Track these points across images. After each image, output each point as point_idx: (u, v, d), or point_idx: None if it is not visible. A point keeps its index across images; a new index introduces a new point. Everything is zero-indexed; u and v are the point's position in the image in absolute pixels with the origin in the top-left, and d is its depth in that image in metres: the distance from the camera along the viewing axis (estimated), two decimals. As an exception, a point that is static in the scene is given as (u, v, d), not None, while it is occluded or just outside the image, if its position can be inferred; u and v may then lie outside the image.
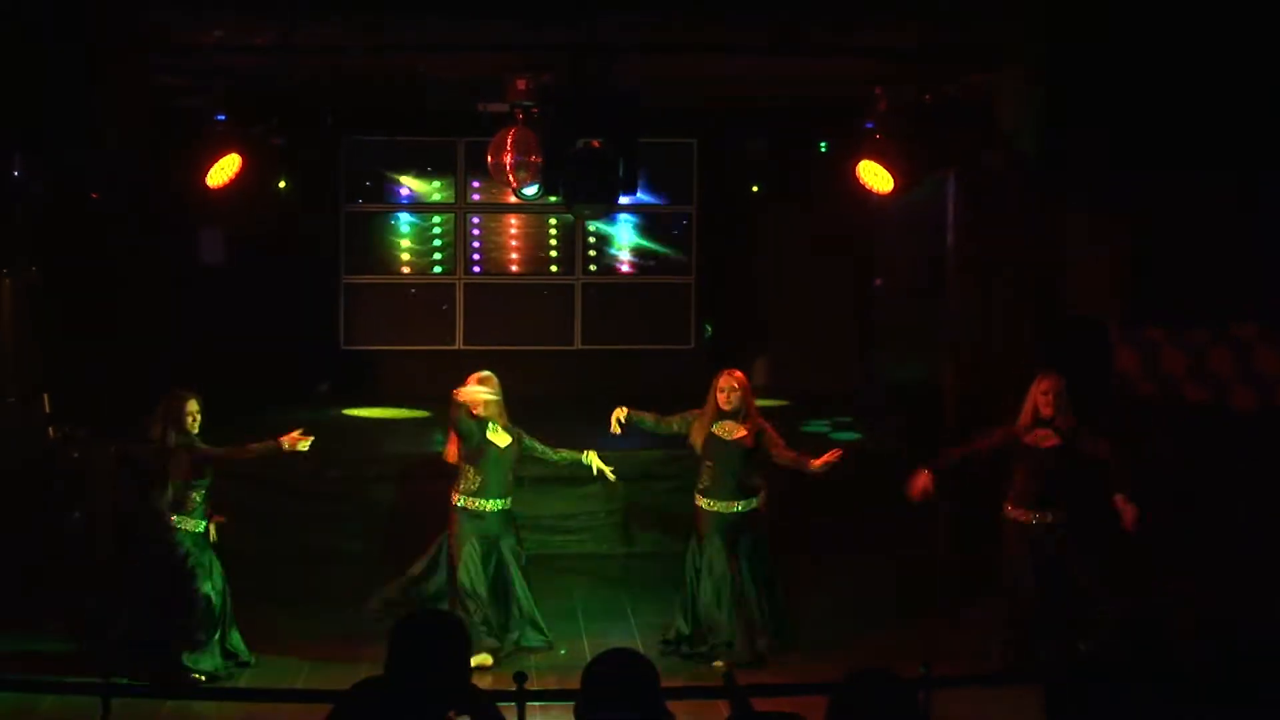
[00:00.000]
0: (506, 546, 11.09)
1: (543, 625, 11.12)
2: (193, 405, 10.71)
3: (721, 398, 11.08)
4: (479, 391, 10.94)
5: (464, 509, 10.97)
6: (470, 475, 10.98)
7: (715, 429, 11.10)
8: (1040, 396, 10.58)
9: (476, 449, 10.97)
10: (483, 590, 10.89)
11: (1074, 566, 10.57)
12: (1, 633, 11.37)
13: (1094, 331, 12.80)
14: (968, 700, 9.24)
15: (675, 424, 11.29)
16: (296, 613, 11.21)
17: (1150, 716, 4.59)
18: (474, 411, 10.91)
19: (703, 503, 11.14)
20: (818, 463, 10.89)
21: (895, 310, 16.72)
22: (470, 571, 10.87)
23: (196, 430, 10.73)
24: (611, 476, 11.43)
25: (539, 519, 13.77)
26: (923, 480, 10.73)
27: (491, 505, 10.98)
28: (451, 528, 10.99)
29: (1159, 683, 4.73)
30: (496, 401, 11.01)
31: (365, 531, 13.66)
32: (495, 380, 11.11)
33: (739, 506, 11.10)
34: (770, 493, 11.42)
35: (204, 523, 10.74)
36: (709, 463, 11.13)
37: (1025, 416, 10.63)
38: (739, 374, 11.26)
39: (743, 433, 11.08)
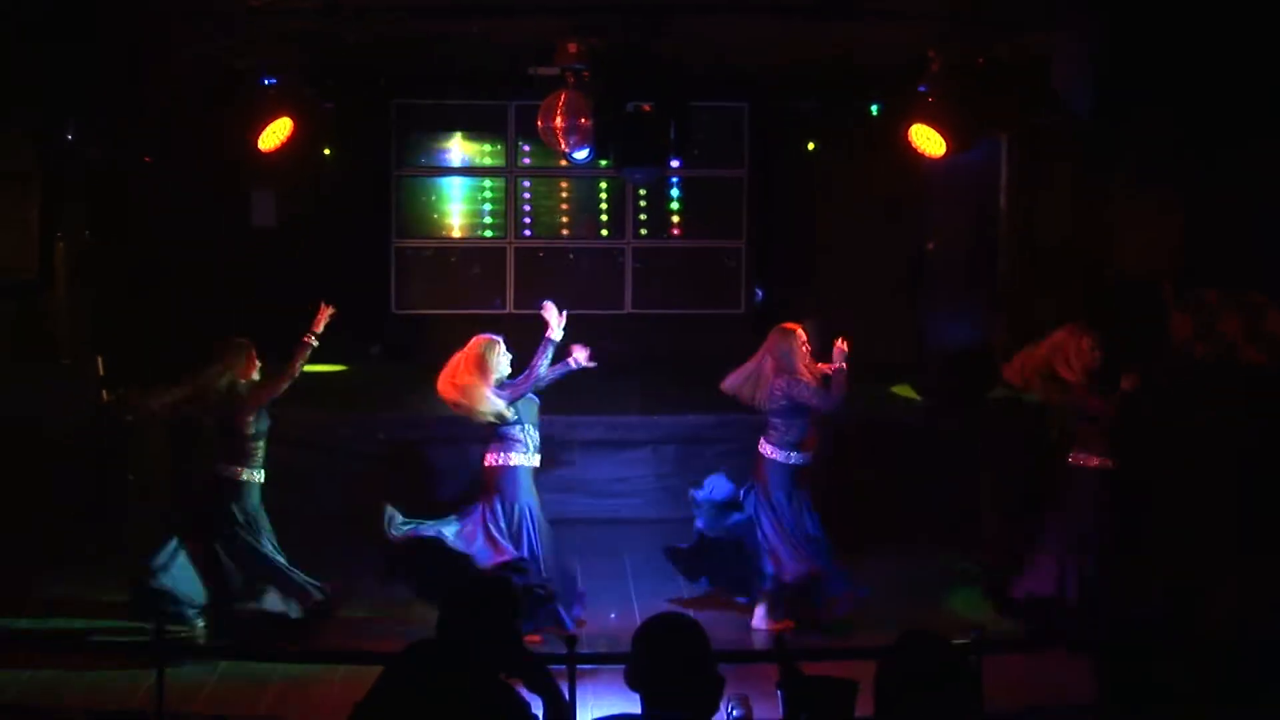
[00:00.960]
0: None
1: None
2: (253, 352, 10.83)
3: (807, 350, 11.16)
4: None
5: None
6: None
7: None
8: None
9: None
10: None
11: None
12: (57, 590, 11.50)
13: (1147, 293, 12.71)
14: (1020, 664, 9.25)
15: None
16: (344, 575, 11.25)
17: (1195, 681, 4.57)
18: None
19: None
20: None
21: (947, 273, 16.65)
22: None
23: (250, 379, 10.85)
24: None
25: (589, 483, 13.82)
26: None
27: None
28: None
29: (1205, 650, 4.71)
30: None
31: (412, 493, 13.72)
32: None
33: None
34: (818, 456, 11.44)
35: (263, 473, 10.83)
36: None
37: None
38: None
39: None
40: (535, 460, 10.99)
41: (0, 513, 12.27)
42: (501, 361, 10.92)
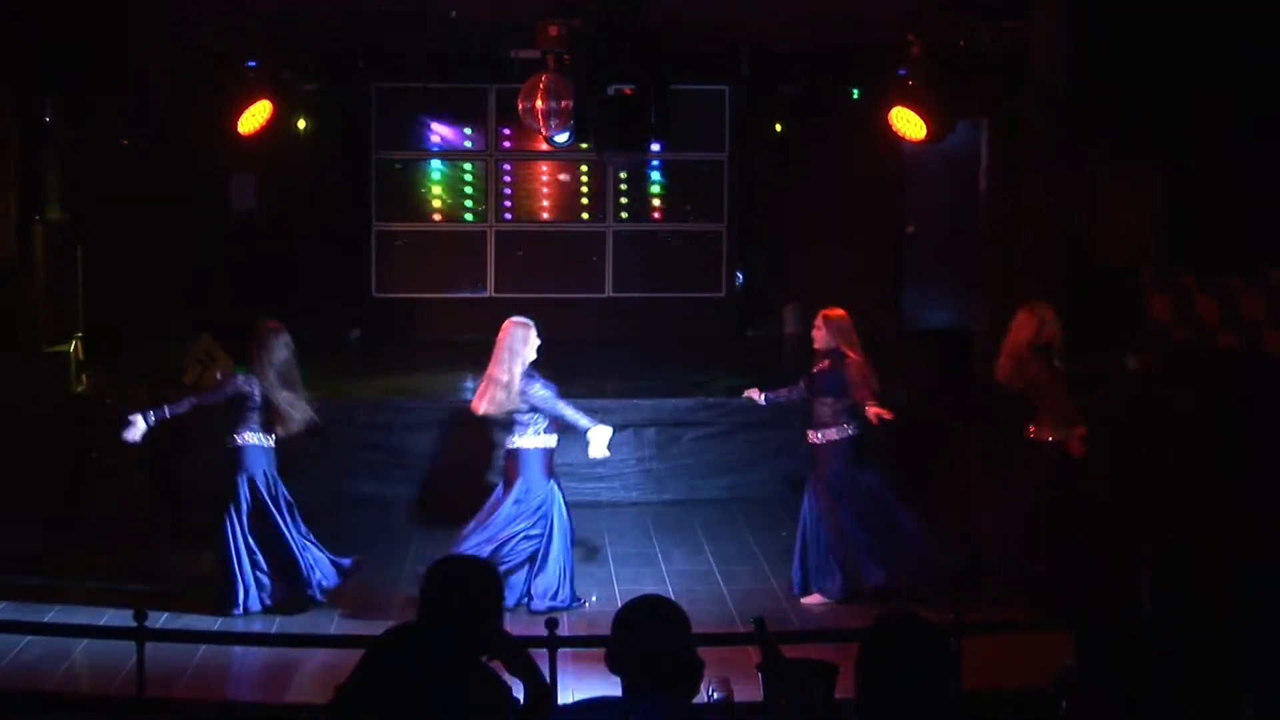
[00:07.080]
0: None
1: None
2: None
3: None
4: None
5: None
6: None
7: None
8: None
9: None
10: None
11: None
12: (38, 576, 11.45)
13: (1126, 277, 12.74)
14: (999, 643, 9.24)
15: None
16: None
17: (1178, 655, 4.56)
18: None
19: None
20: (871, 411, 10.87)
21: (927, 257, 16.66)
22: None
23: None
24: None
25: (571, 467, 13.78)
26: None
27: None
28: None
29: (1184, 623, 4.70)
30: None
31: (400, 478, 13.69)
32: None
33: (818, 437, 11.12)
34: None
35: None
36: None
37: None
38: (827, 311, 11.24)
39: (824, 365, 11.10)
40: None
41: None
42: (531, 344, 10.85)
